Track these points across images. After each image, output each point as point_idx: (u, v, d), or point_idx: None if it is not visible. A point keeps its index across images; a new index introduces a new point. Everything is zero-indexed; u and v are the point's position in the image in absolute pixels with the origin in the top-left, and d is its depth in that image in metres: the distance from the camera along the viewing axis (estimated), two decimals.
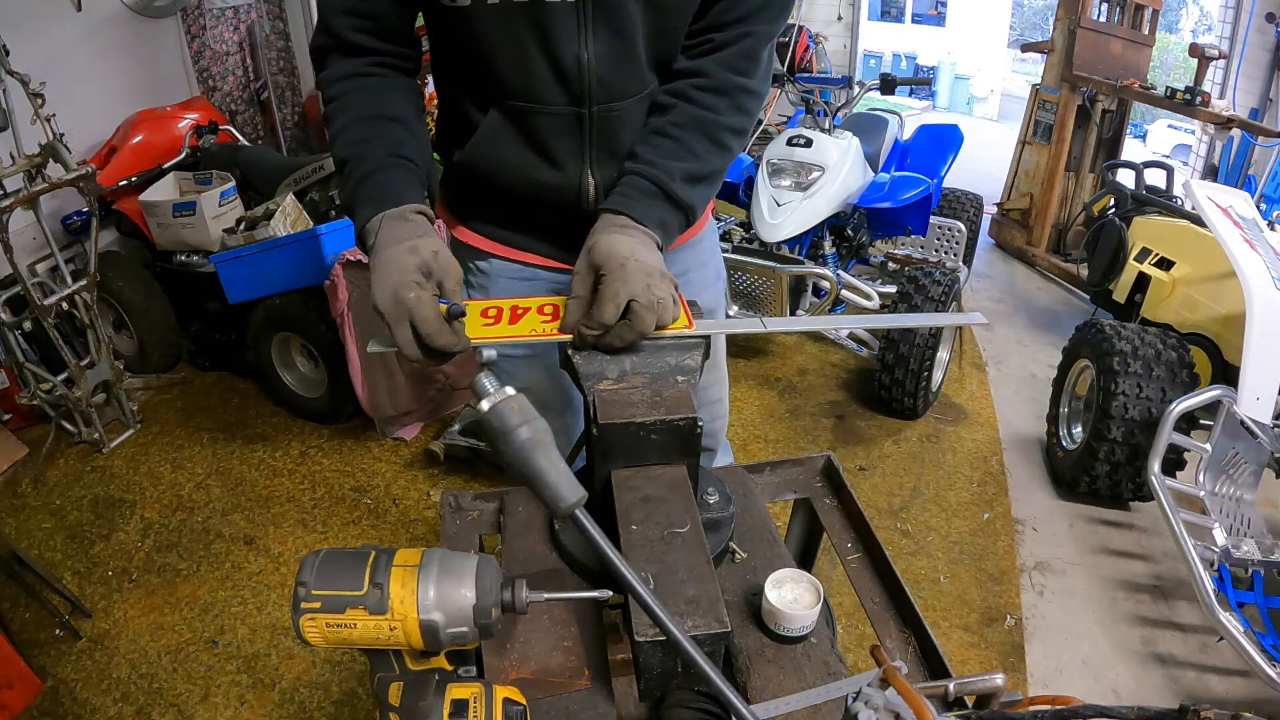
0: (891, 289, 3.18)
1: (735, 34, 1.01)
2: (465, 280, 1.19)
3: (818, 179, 3.00)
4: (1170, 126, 10.84)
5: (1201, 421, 2.34)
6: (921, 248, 3.87)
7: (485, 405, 0.65)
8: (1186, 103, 3.73)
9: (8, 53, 2.32)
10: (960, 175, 4.17)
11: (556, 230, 1.14)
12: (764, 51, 1.04)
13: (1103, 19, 4.37)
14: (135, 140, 3.15)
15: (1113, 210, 3.42)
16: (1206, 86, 3.80)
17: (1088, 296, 3.64)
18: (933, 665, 0.83)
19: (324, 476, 2.68)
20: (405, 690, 0.67)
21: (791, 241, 3.06)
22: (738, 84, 1.02)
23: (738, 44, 1.01)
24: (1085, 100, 4.27)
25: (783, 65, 5.76)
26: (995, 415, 3.13)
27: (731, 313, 3.14)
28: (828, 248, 3.23)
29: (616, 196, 0.99)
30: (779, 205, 2.99)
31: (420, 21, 1.07)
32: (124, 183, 3.06)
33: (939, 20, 13.74)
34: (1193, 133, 6.59)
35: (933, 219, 3.52)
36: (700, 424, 0.85)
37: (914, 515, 2.54)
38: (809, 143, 3.05)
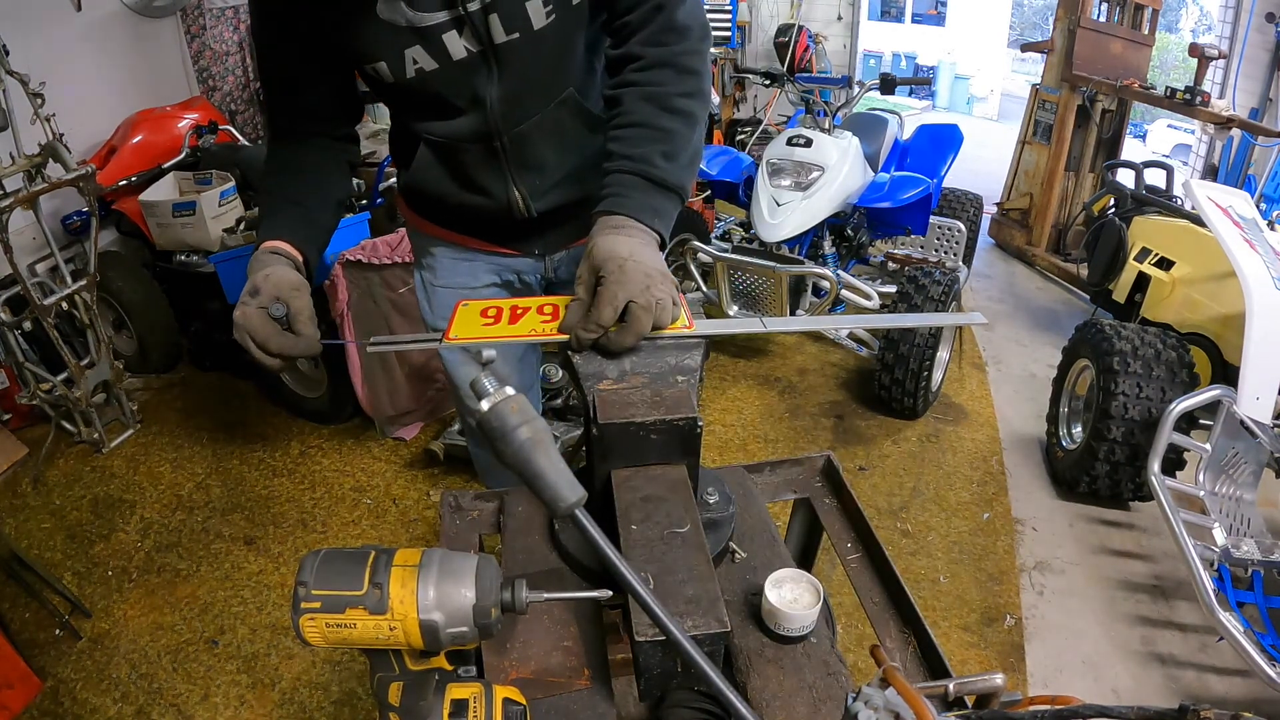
0: (891, 289, 3.18)
1: (645, 12, 1.06)
2: (418, 263, 1.41)
3: (818, 179, 3.00)
4: (1170, 126, 10.82)
5: (1201, 421, 2.34)
6: (921, 247, 3.87)
7: (485, 405, 0.65)
8: (1186, 103, 3.73)
9: (8, 53, 2.31)
10: (960, 175, 4.17)
11: (491, 227, 1.30)
12: (680, 15, 1.07)
13: (1103, 19, 4.36)
14: (135, 140, 3.15)
15: (1113, 210, 3.42)
16: (1206, 86, 3.79)
17: (1088, 296, 3.64)
18: (933, 665, 0.83)
19: (324, 476, 2.68)
20: (405, 690, 0.67)
21: (791, 241, 3.06)
22: (670, 54, 1.06)
23: (653, 21, 1.06)
24: (1085, 100, 4.26)
25: (782, 65, 5.76)
26: (995, 415, 3.12)
27: (732, 313, 3.14)
28: (828, 247, 3.23)
29: (608, 198, 1.00)
30: (779, 205, 2.99)
31: None
32: (124, 183, 3.06)
33: (939, 20, 13.73)
34: (1193, 133, 6.59)
35: (933, 219, 3.51)
36: (700, 424, 0.85)
37: (914, 515, 2.54)
38: (809, 143, 3.05)
